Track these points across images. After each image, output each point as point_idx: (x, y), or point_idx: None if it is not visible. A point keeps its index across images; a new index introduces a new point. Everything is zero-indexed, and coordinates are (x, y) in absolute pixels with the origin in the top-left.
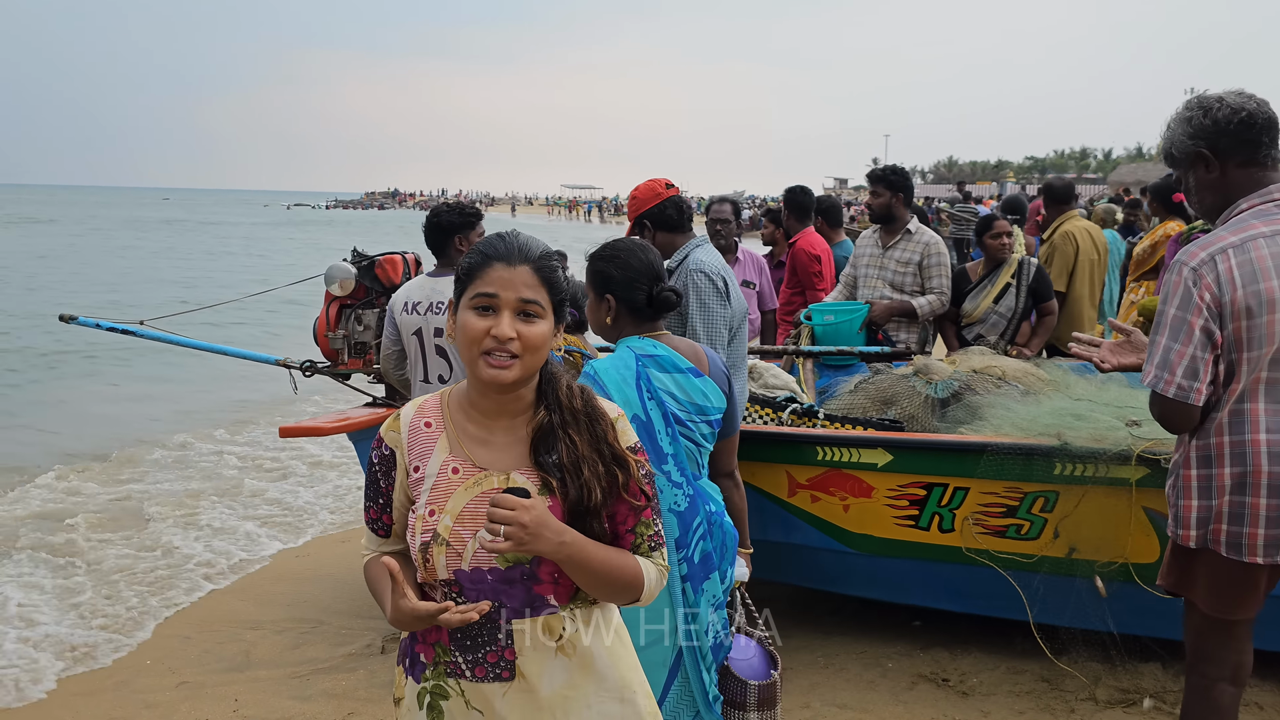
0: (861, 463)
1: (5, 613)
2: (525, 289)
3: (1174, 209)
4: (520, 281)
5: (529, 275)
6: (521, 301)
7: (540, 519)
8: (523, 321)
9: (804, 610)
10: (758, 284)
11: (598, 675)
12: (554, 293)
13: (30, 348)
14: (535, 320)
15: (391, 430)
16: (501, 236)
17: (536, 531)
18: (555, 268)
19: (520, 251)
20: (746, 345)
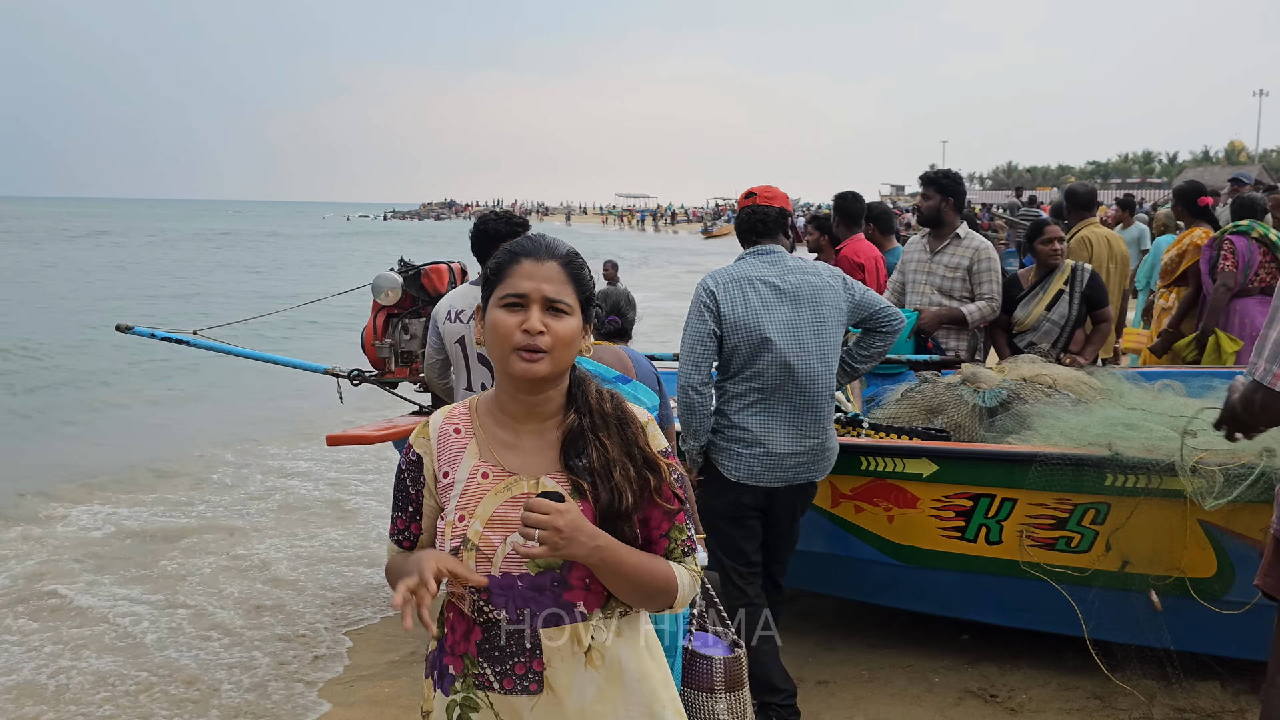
0: (906, 473)
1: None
2: (552, 286)
3: (1199, 213)
4: (547, 278)
5: (557, 271)
6: (549, 299)
7: (575, 523)
8: (552, 317)
9: (850, 622)
10: None
11: (626, 688)
12: (581, 290)
13: (142, 359)
14: (564, 316)
15: (421, 437)
16: (529, 237)
17: (571, 536)
18: (581, 265)
19: (548, 249)
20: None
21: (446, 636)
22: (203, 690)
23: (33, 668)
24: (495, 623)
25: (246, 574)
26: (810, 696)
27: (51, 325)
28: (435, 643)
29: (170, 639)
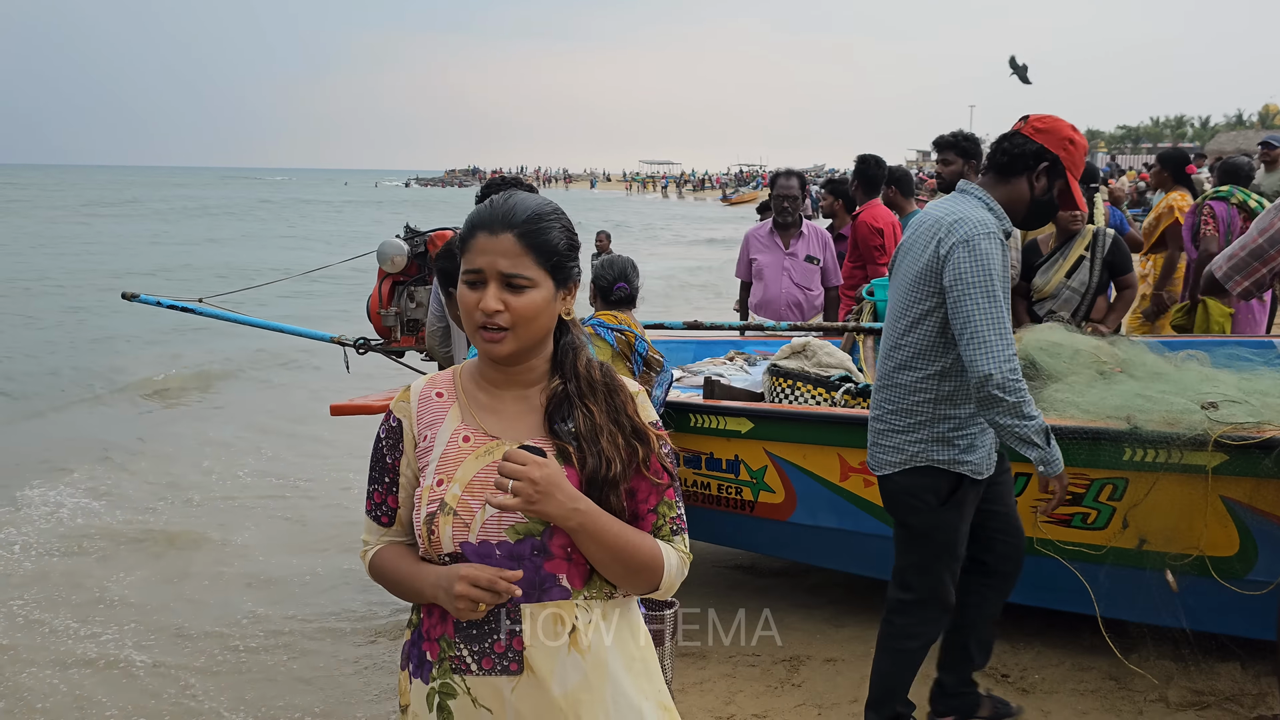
0: None
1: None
2: (506, 260)
3: (1183, 180)
4: (501, 252)
5: (511, 244)
6: (504, 275)
7: (552, 479)
8: (510, 293)
9: (859, 598)
10: (822, 259)
11: (612, 677)
12: (544, 256)
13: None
14: (523, 290)
15: (401, 402)
16: (491, 202)
17: (547, 490)
18: (544, 229)
19: (503, 219)
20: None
21: (423, 622)
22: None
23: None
24: None
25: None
26: (816, 675)
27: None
28: (410, 631)
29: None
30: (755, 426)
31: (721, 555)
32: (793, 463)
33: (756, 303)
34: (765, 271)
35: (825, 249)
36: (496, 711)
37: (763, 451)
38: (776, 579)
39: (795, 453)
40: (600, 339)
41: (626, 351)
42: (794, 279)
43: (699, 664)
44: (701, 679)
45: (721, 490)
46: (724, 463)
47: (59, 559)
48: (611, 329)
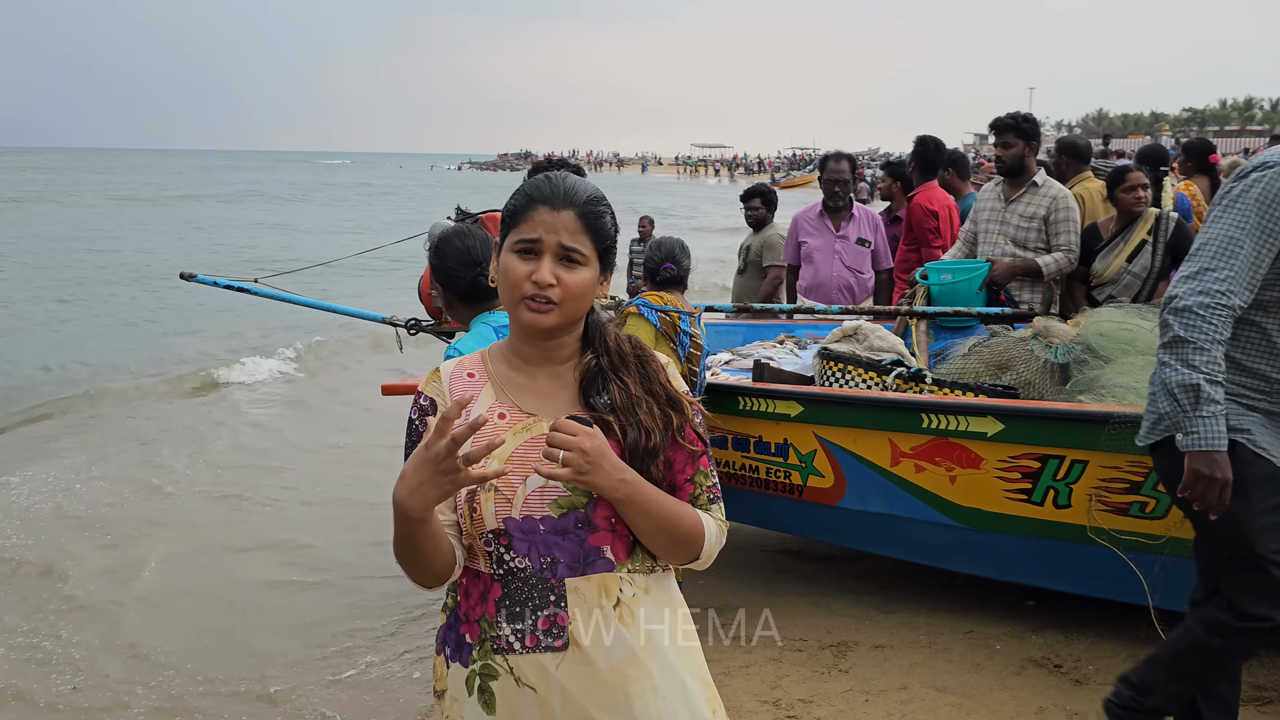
0: (970, 431)
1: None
2: (568, 234)
3: (1205, 169)
4: (563, 226)
5: (573, 220)
6: (563, 247)
7: (601, 449)
8: (564, 267)
9: (909, 585)
10: (873, 242)
11: (659, 651)
12: (598, 239)
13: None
14: (577, 267)
15: (433, 382)
16: (549, 178)
17: (597, 461)
18: (601, 213)
19: (566, 195)
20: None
21: (460, 604)
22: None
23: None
24: (516, 572)
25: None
26: (864, 661)
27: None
28: (446, 615)
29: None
30: (805, 410)
31: (770, 539)
32: (843, 447)
33: (806, 286)
34: (816, 255)
35: (876, 231)
36: (541, 690)
37: (812, 435)
38: (824, 564)
39: (845, 437)
40: (643, 319)
41: (670, 332)
42: (845, 262)
43: (745, 648)
44: (748, 663)
45: (770, 474)
46: (773, 446)
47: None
48: (655, 309)
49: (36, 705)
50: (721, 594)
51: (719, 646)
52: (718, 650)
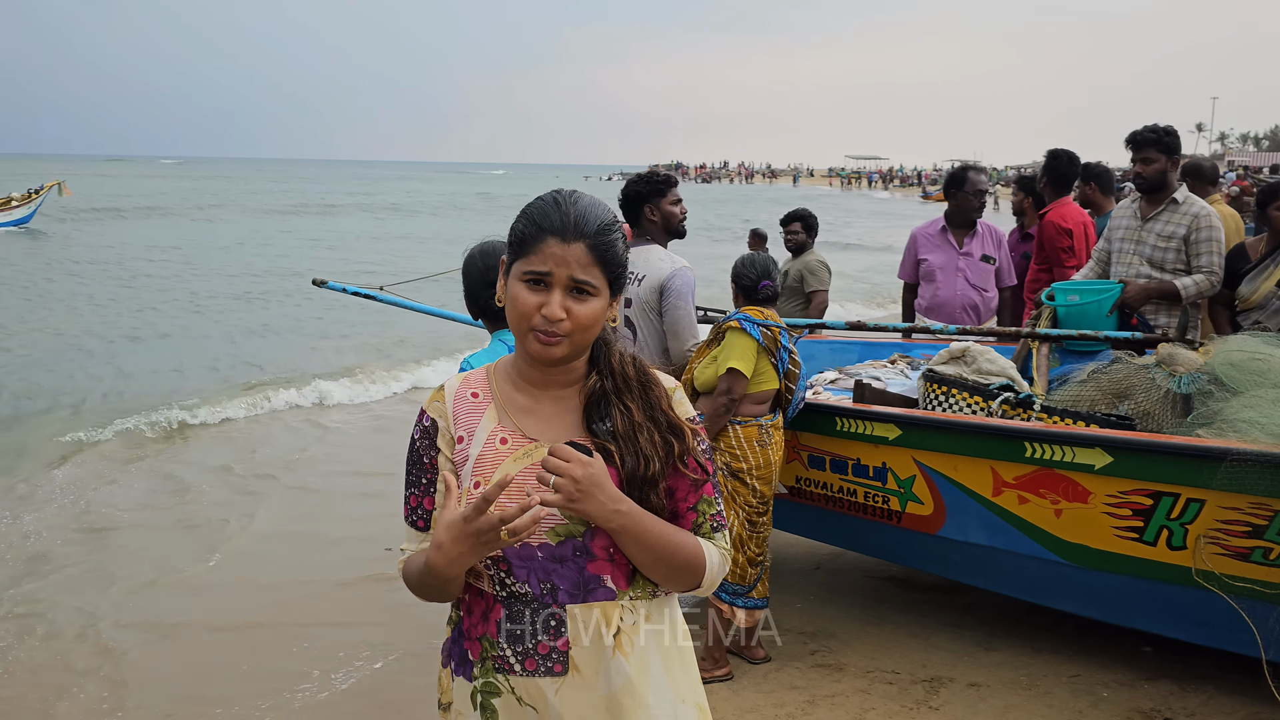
0: (1076, 463)
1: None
2: (579, 268)
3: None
4: (574, 259)
5: (584, 253)
6: (574, 280)
7: (595, 478)
8: (574, 299)
9: (1015, 622)
10: (997, 259)
11: (654, 678)
12: (609, 269)
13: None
14: (588, 299)
15: (435, 402)
16: (558, 204)
17: (589, 490)
18: (612, 243)
19: (576, 227)
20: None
21: (463, 620)
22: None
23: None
24: (518, 597)
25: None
26: (957, 699)
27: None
28: (451, 629)
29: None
30: (903, 433)
31: (874, 566)
32: (943, 473)
33: (927, 305)
34: (938, 273)
35: (1000, 247)
36: (541, 710)
37: (911, 460)
38: (929, 594)
39: (945, 463)
40: (745, 333)
41: (772, 346)
42: (970, 279)
43: (834, 676)
44: (834, 692)
45: (868, 498)
46: (871, 469)
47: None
48: (757, 324)
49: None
50: (818, 620)
51: (808, 674)
52: (805, 678)
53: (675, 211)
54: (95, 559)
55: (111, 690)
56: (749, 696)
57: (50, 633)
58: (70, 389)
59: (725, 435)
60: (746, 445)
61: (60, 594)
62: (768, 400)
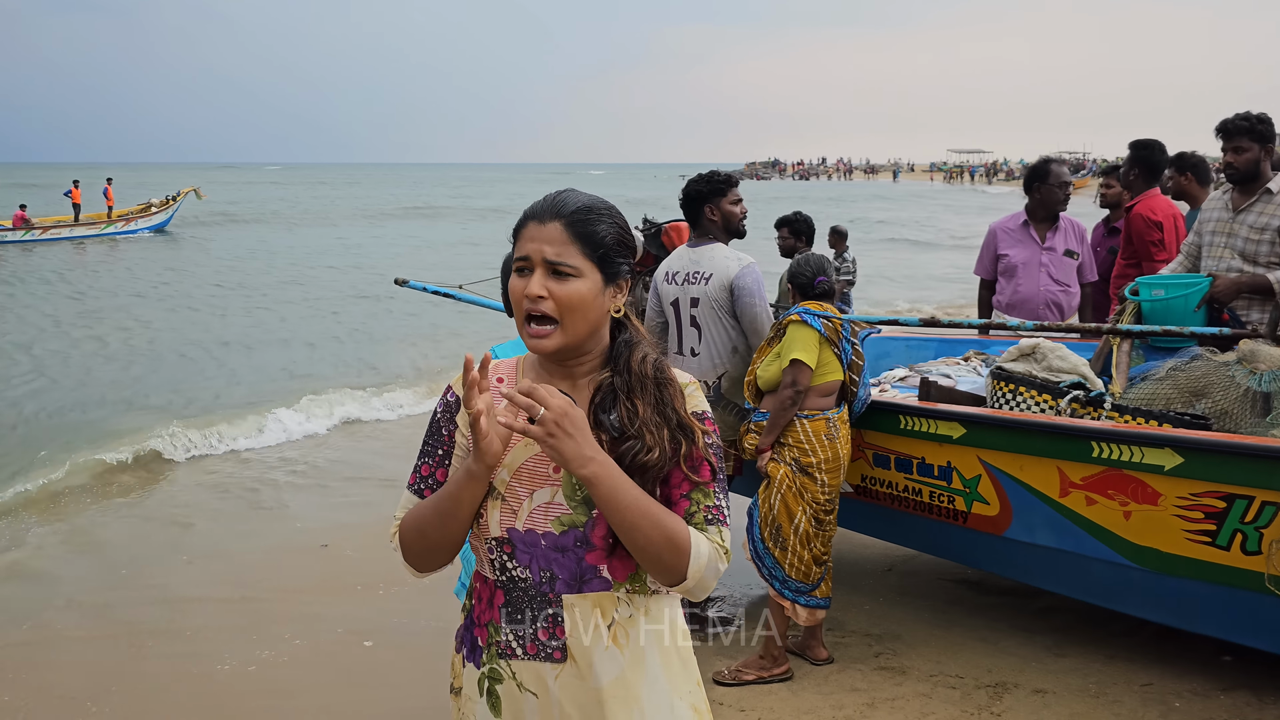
0: (1145, 464)
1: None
2: (552, 247)
3: None
4: (547, 239)
5: (559, 232)
6: (548, 261)
7: (575, 420)
8: (555, 280)
9: (1089, 628)
10: (1080, 254)
11: (649, 674)
12: (590, 247)
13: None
14: (568, 279)
15: (461, 381)
16: (545, 195)
17: (569, 429)
18: (591, 221)
19: (552, 208)
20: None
21: (474, 607)
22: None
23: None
24: (517, 582)
25: None
26: (1020, 706)
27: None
28: (464, 616)
29: None
30: (968, 432)
31: (946, 569)
32: (1009, 473)
33: (1007, 302)
34: (1019, 268)
35: (1082, 242)
36: (542, 696)
37: (977, 459)
38: (1002, 598)
39: (1011, 463)
40: (806, 325)
41: (834, 338)
42: (1053, 275)
43: (896, 679)
44: (895, 695)
45: (933, 498)
46: (936, 469)
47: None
48: (818, 315)
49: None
50: (885, 622)
51: (869, 676)
52: (866, 680)
53: (735, 211)
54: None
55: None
56: (808, 698)
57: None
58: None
59: (793, 430)
60: (815, 439)
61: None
62: (833, 393)
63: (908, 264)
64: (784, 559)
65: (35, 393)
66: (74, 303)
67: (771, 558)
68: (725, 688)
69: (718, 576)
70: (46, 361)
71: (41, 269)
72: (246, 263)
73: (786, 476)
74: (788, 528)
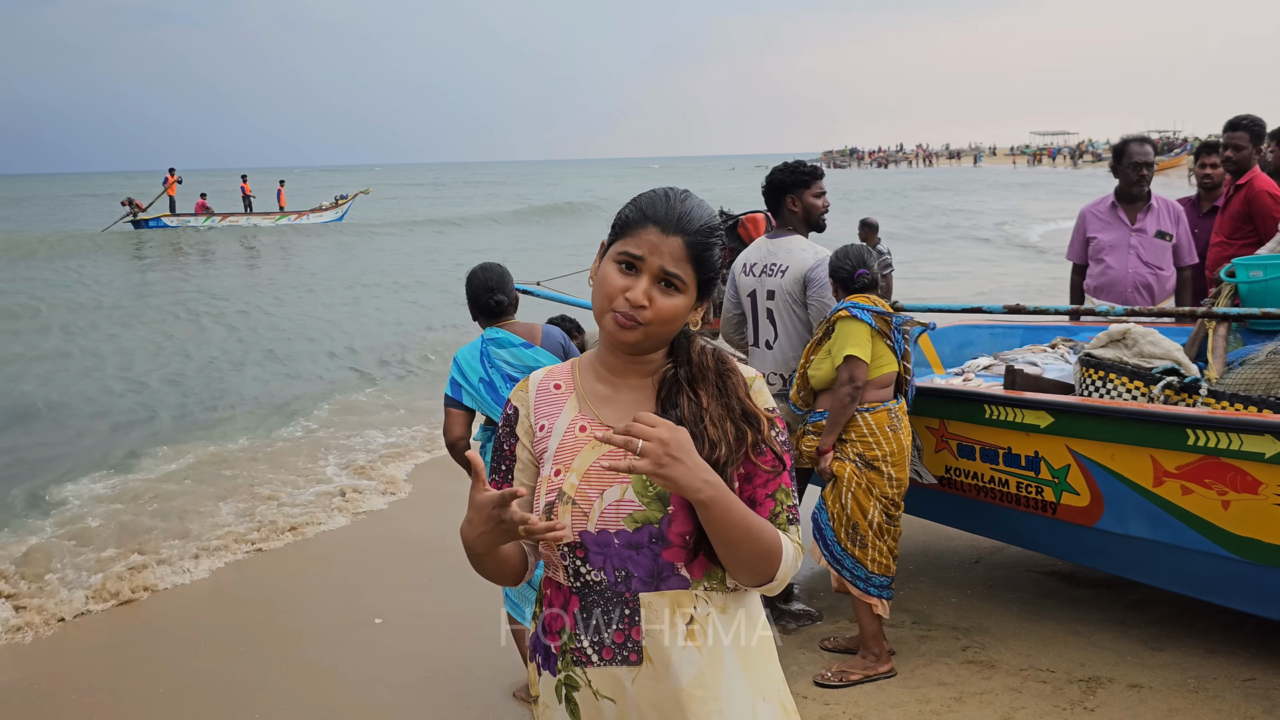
0: (1245, 451)
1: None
2: (671, 260)
3: None
4: (669, 251)
5: (680, 247)
6: (664, 271)
7: (683, 444)
8: (660, 290)
9: (1188, 621)
10: (1175, 235)
11: (728, 674)
12: (701, 269)
13: None
14: (674, 293)
15: (519, 392)
16: (667, 196)
17: (677, 454)
18: (710, 245)
19: (678, 221)
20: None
21: (545, 615)
22: None
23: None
24: (592, 585)
25: None
26: (1114, 701)
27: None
28: (535, 624)
29: None
30: (1055, 421)
31: (1038, 561)
32: (1099, 463)
33: (1095, 285)
34: (1107, 252)
35: (1178, 223)
36: (620, 701)
37: (1065, 449)
38: (1095, 590)
39: (1102, 452)
40: (856, 319)
41: (885, 329)
42: (1142, 257)
43: (985, 673)
44: (983, 689)
45: (1020, 488)
46: (1023, 459)
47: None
48: (867, 309)
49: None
50: (973, 615)
51: (957, 670)
52: (953, 674)
53: (818, 204)
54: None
55: None
56: (894, 692)
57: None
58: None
59: (855, 425)
60: (879, 432)
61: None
62: (890, 384)
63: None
64: (864, 557)
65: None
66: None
67: (851, 558)
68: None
69: (794, 572)
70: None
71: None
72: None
73: (854, 474)
74: (864, 525)
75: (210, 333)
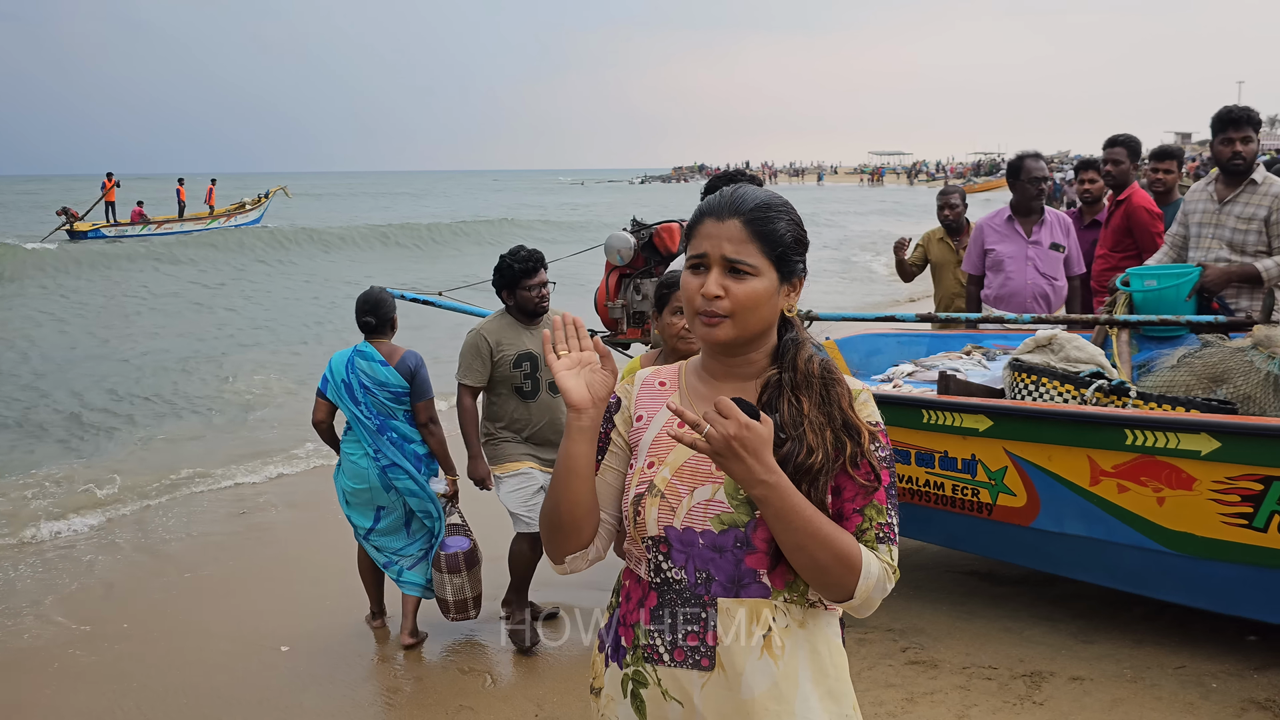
0: (1180, 449)
1: None
2: (731, 245)
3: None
4: (727, 237)
5: (738, 230)
6: (727, 259)
7: (751, 442)
8: (732, 279)
9: (1111, 613)
10: (1066, 247)
11: (802, 690)
12: (769, 246)
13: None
14: (746, 278)
15: (624, 384)
16: (721, 192)
17: (738, 451)
18: (771, 219)
19: (730, 206)
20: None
21: (621, 605)
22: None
23: None
24: (671, 583)
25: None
26: (1060, 694)
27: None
28: (609, 614)
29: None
30: (994, 424)
31: (956, 560)
32: (1036, 464)
33: (995, 295)
34: (1007, 262)
35: (1068, 235)
36: (686, 705)
37: (1002, 451)
38: (1016, 587)
39: (1039, 453)
40: None
41: None
42: (1039, 268)
43: (930, 673)
44: (932, 689)
45: (957, 491)
46: (959, 462)
47: None
48: None
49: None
50: (905, 616)
51: (901, 671)
52: (899, 675)
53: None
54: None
55: None
56: None
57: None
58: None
59: None
60: None
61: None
62: None
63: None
64: None
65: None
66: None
67: None
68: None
69: (884, 595)
70: None
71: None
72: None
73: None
74: None
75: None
